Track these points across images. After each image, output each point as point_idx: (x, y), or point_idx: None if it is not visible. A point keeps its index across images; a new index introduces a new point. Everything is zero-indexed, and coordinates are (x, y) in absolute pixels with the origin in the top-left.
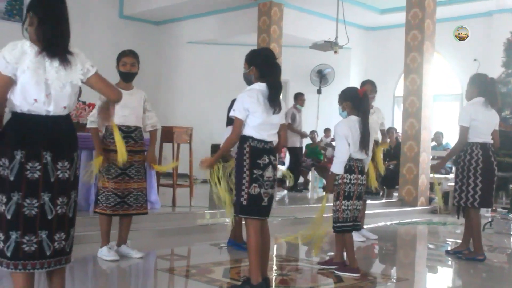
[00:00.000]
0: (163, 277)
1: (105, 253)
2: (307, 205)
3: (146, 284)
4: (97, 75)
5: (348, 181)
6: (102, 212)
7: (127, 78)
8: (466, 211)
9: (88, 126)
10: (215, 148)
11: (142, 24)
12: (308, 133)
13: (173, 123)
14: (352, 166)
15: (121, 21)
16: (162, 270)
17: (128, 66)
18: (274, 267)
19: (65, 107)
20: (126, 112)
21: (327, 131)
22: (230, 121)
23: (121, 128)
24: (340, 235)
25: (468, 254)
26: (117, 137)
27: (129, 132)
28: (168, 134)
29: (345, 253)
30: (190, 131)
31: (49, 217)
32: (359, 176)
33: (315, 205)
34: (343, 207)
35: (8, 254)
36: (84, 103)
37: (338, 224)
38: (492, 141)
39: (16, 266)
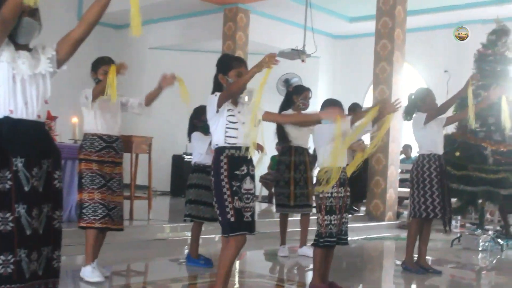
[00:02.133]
0: None
1: (89, 274)
2: (271, 219)
3: None
4: None
5: (329, 195)
6: (90, 226)
7: None
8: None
9: None
10: (176, 158)
11: (101, 28)
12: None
13: (132, 132)
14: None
15: None
16: (117, 287)
17: None
18: (236, 285)
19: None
20: (107, 117)
21: None
22: (191, 128)
23: (102, 137)
24: (319, 251)
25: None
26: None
27: (111, 142)
28: (126, 143)
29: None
30: (150, 141)
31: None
32: (340, 189)
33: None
34: (326, 222)
35: None
36: None
37: (321, 240)
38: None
39: None
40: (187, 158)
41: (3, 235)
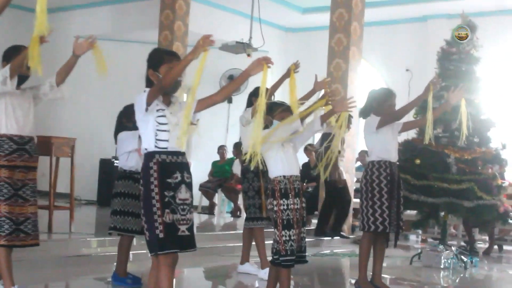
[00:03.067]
0: None
1: None
2: (212, 233)
3: None
4: None
5: (284, 207)
6: None
7: (25, 81)
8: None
9: None
10: (104, 163)
11: (19, 12)
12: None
13: (52, 133)
14: (288, 189)
15: None
16: None
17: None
18: None
19: None
20: (18, 115)
21: (238, 147)
22: (119, 129)
23: (12, 138)
24: (276, 270)
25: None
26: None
27: (22, 144)
28: (45, 145)
29: None
30: (73, 143)
31: None
32: (296, 200)
33: (221, 232)
34: (284, 238)
35: None
36: None
37: (282, 258)
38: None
39: None
40: (116, 162)
41: None
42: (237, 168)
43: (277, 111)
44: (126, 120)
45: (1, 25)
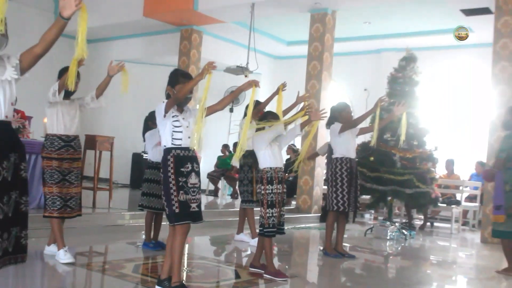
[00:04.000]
0: (80, 272)
1: (62, 256)
2: (216, 210)
3: (58, 277)
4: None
5: (270, 191)
6: (50, 215)
7: (71, 95)
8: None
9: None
10: (135, 156)
11: (73, 41)
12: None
13: (97, 132)
14: (273, 177)
15: None
16: (79, 266)
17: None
18: (184, 265)
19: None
20: (66, 120)
21: (236, 145)
22: (146, 129)
23: (61, 137)
24: (262, 239)
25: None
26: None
27: (69, 141)
28: (91, 141)
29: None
30: (112, 140)
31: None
32: (279, 186)
33: (224, 209)
34: (268, 214)
35: None
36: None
37: (266, 230)
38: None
39: None
40: (145, 156)
41: None
42: (235, 162)
43: (268, 119)
44: (151, 123)
45: (58, 51)
